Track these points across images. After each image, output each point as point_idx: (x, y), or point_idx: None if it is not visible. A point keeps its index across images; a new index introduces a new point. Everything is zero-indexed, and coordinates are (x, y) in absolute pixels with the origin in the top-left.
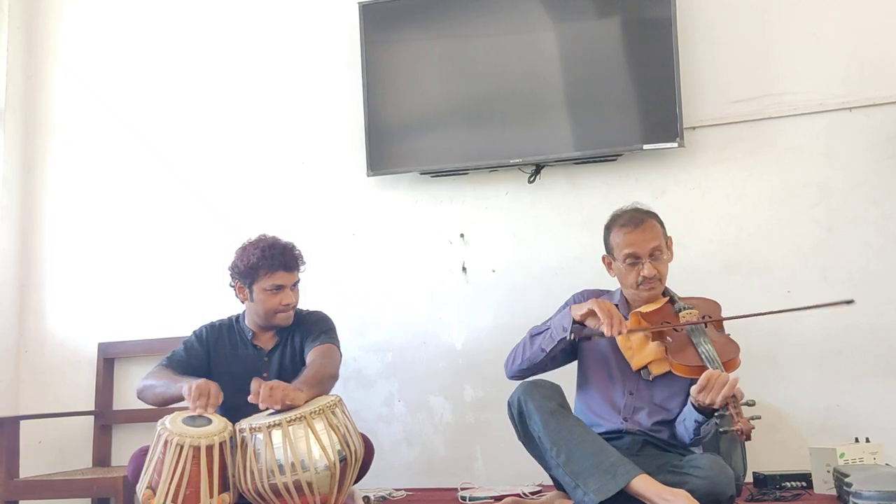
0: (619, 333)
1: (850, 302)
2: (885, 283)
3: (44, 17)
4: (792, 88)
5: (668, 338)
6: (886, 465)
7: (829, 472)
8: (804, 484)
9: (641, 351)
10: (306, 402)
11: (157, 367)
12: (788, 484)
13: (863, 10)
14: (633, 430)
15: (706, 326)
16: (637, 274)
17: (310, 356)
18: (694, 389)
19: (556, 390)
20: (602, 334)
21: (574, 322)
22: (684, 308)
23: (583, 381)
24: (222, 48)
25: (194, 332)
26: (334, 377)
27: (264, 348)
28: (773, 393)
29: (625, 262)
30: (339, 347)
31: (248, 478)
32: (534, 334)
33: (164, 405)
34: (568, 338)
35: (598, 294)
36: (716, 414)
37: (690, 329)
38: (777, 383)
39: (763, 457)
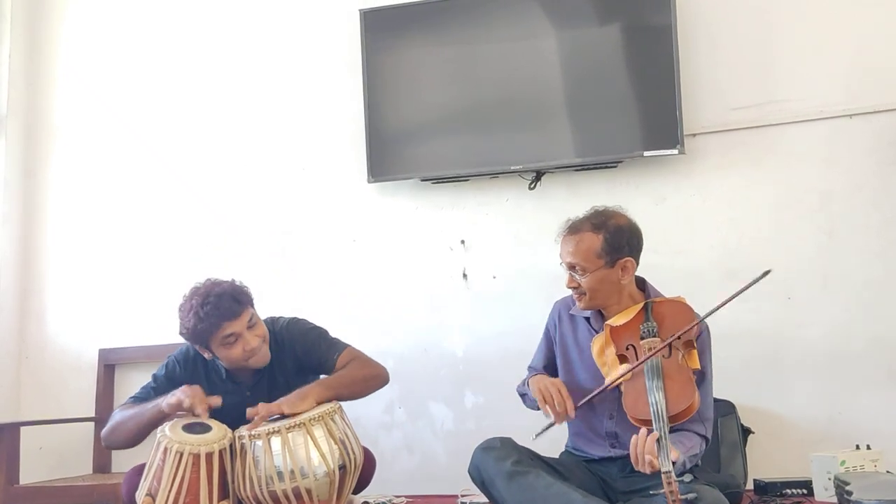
0: (567, 419)
1: (767, 272)
2: (886, 290)
3: (46, 23)
4: (793, 95)
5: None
6: (887, 472)
7: (829, 479)
8: (805, 491)
9: (614, 370)
10: (320, 403)
11: (120, 409)
12: (789, 491)
13: (864, 17)
14: (622, 454)
15: (669, 353)
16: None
17: (339, 362)
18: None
19: (508, 447)
20: (553, 424)
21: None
22: (648, 335)
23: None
24: (224, 55)
25: (164, 364)
26: (378, 377)
27: (245, 383)
28: (774, 400)
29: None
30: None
31: (247, 485)
32: (521, 394)
33: (141, 438)
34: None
35: (569, 305)
36: (651, 492)
37: (648, 366)
38: (779, 390)
39: (764, 464)
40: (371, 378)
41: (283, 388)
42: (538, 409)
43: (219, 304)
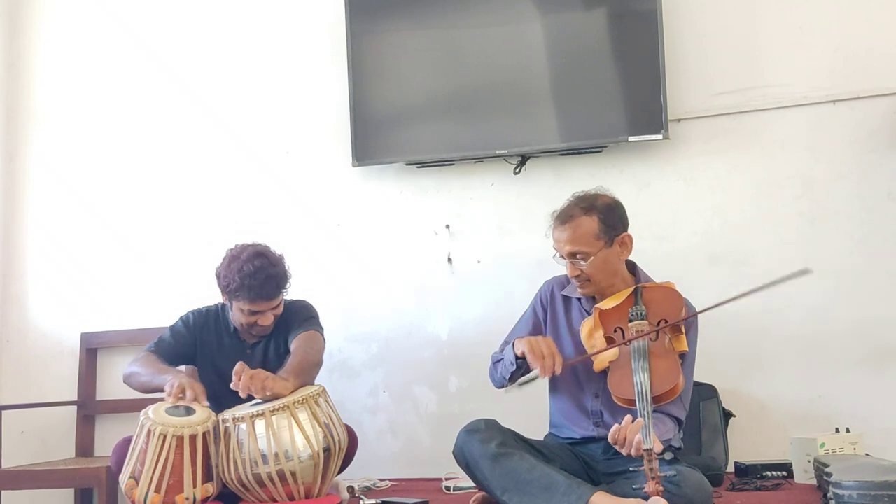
0: (554, 374)
1: (806, 272)
2: (866, 275)
3: (26, 4)
4: (777, 81)
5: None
6: (866, 455)
7: (809, 461)
8: (785, 474)
9: (603, 347)
10: (291, 391)
11: (145, 353)
12: (769, 473)
13: (848, 4)
14: (605, 435)
15: (657, 336)
16: (565, 267)
17: (293, 344)
18: (610, 436)
19: (493, 429)
20: (537, 377)
21: (518, 357)
22: (637, 317)
23: (553, 384)
24: (207, 37)
25: (181, 317)
26: (318, 364)
27: (247, 340)
28: (755, 383)
29: (557, 256)
30: (322, 334)
31: (231, 468)
32: (495, 361)
33: (148, 394)
34: (507, 388)
35: (562, 284)
36: (631, 468)
37: (635, 347)
38: (760, 374)
39: (745, 446)
40: (316, 364)
41: (275, 354)
42: (507, 379)
43: (264, 285)
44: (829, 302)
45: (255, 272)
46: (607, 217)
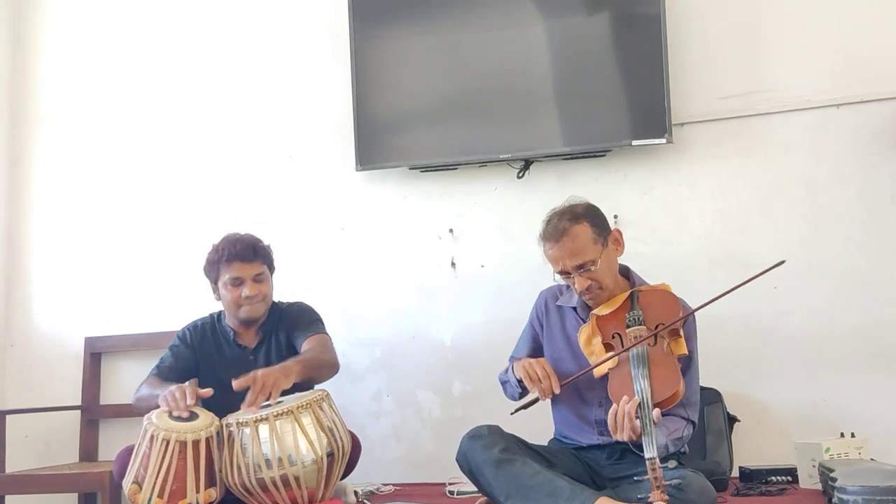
0: (554, 394)
1: (781, 263)
2: (869, 279)
3: (30, 9)
4: (780, 85)
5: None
6: (871, 459)
7: (814, 466)
8: (790, 478)
9: (602, 358)
10: (296, 382)
11: (149, 377)
12: (774, 478)
13: (851, 7)
14: (610, 441)
15: (655, 342)
16: (573, 284)
17: (305, 345)
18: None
19: (495, 434)
20: (538, 399)
21: (519, 381)
22: (634, 323)
23: (555, 396)
24: (211, 41)
25: (178, 335)
26: (334, 366)
27: (248, 346)
28: (759, 388)
29: (557, 274)
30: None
31: (235, 472)
32: (502, 381)
33: None
34: (513, 412)
35: (555, 295)
36: (636, 478)
37: (634, 354)
38: (763, 378)
39: (749, 451)
40: (331, 366)
41: (278, 356)
42: (518, 398)
43: (238, 243)
44: (831, 305)
45: (229, 238)
46: (594, 219)
